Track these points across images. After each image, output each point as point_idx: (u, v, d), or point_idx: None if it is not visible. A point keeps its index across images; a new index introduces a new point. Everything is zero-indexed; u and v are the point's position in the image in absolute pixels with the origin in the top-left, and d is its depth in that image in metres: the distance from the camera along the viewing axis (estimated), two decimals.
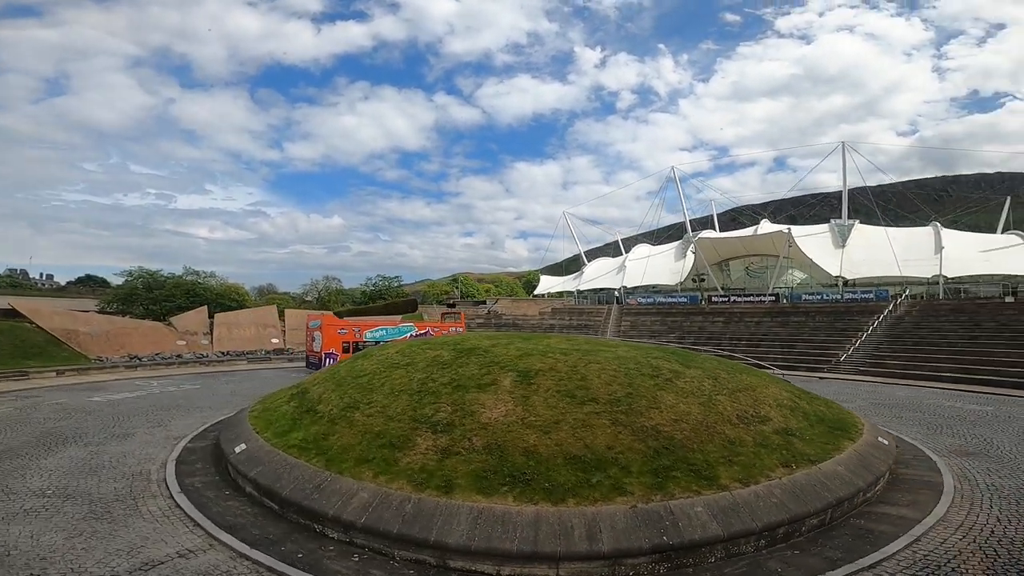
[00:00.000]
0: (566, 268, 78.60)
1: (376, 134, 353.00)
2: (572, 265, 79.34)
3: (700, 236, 50.29)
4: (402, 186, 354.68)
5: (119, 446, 12.19)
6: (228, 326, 33.90)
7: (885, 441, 11.24)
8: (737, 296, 43.81)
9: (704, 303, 44.12)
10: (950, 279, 36.10)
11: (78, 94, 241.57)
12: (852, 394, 20.20)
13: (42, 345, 26.34)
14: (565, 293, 65.75)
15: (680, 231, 65.30)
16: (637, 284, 53.60)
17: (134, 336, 29.53)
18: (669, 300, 47.50)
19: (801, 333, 34.08)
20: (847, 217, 47.24)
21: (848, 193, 49.89)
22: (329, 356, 24.78)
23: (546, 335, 16.40)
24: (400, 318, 40.64)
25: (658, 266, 54.45)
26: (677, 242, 58.75)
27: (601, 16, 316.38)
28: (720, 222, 65.68)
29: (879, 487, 9.32)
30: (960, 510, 8.51)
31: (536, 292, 70.22)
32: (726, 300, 43.27)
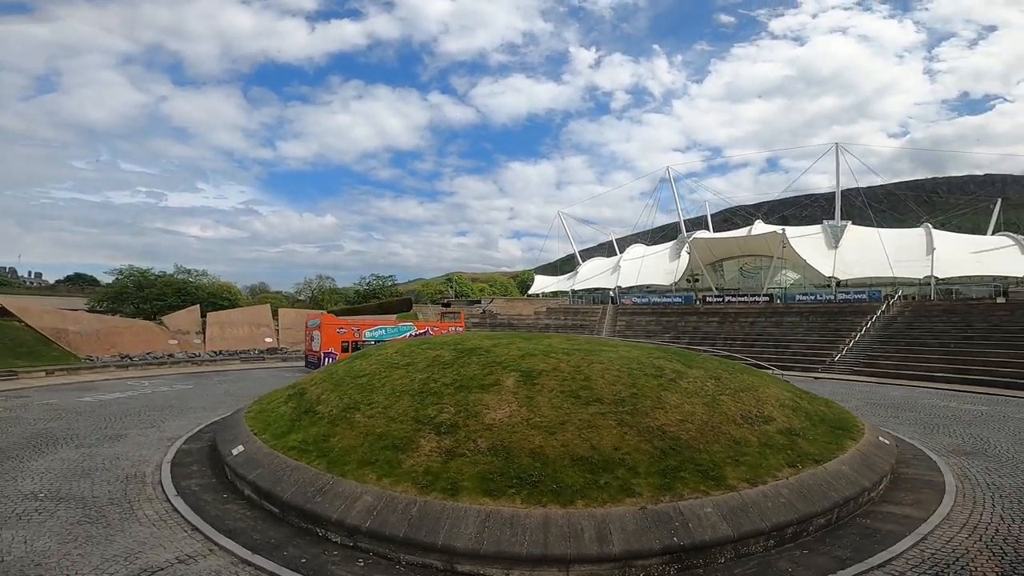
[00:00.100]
0: (560, 268, 78.53)
1: (370, 133, 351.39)
2: (566, 265, 79.33)
3: (695, 236, 50.45)
4: (395, 185, 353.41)
5: (112, 448, 11.95)
6: (221, 325, 33.48)
7: (886, 441, 11.28)
8: (731, 296, 43.99)
9: (699, 303, 44.27)
10: (941, 280, 36.48)
11: (69, 91, 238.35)
12: (848, 394, 20.33)
13: (31, 344, 25.84)
14: (560, 293, 65.75)
15: (673, 231, 65.54)
16: (632, 284, 53.66)
17: (125, 335, 29.06)
18: (664, 300, 47.62)
19: (795, 333, 34.29)
20: (840, 218, 47.59)
21: (840, 194, 50.28)
22: (328, 355, 24.76)
23: (547, 335, 16.32)
24: (395, 317, 40.42)
25: (652, 266, 54.55)
26: (671, 242, 58.91)
27: (596, 16, 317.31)
28: (713, 223, 65.96)
29: (882, 486, 9.34)
30: (963, 509, 8.55)
31: (531, 292, 70.13)
32: (720, 300, 43.43)
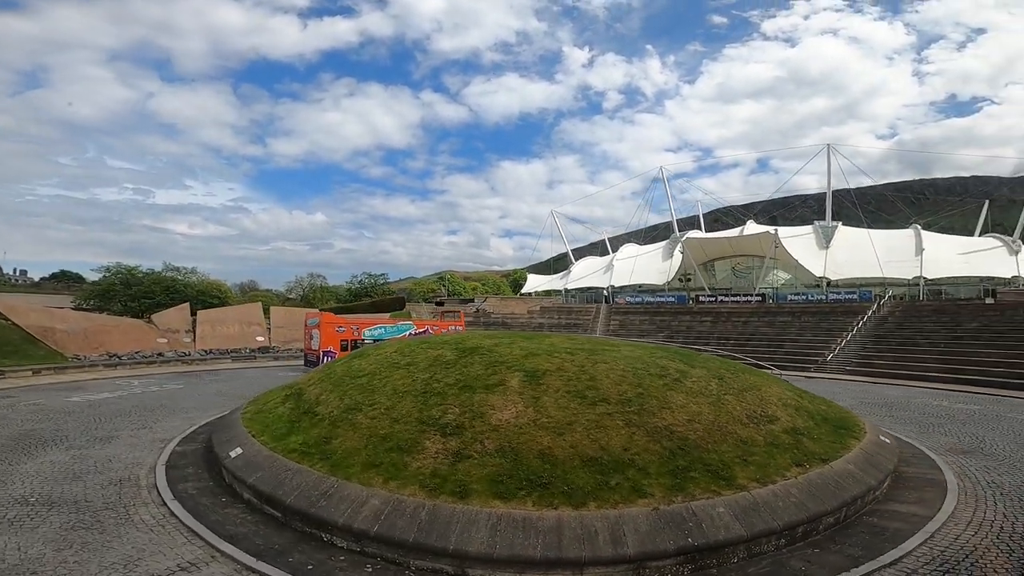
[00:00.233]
0: (552, 267, 78.62)
1: (361, 131, 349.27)
2: (558, 264, 79.40)
3: (688, 236, 50.72)
4: (386, 183, 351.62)
5: (103, 449, 11.63)
6: (211, 324, 32.95)
7: (887, 440, 11.34)
8: (724, 296, 44.30)
9: (692, 303, 44.51)
10: (930, 280, 37.03)
11: (55, 87, 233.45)
12: (843, 393, 20.46)
13: (17, 343, 25.18)
14: (552, 292, 65.77)
15: (665, 231, 65.90)
16: (625, 283, 53.85)
17: (113, 334, 28.45)
18: (657, 299, 47.81)
19: (788, 333, 34.57)
20: (830, 218, 48.11)
21: (831, 195, 50.81)
22: (327, 354, 24.67)
23: (548, 334, 16.20)
24: (389, 316, 40.09)
25: (645, 265, 54.77)
26: (664, 242, 59.20)
27: (590, 16, 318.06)
28: (704, 222, 66.44)
29: (886, 485, 9.38)
30: (967, 507, 8.60)
31: (523, 291, 70.10)
32: (713, 300, 43.70)
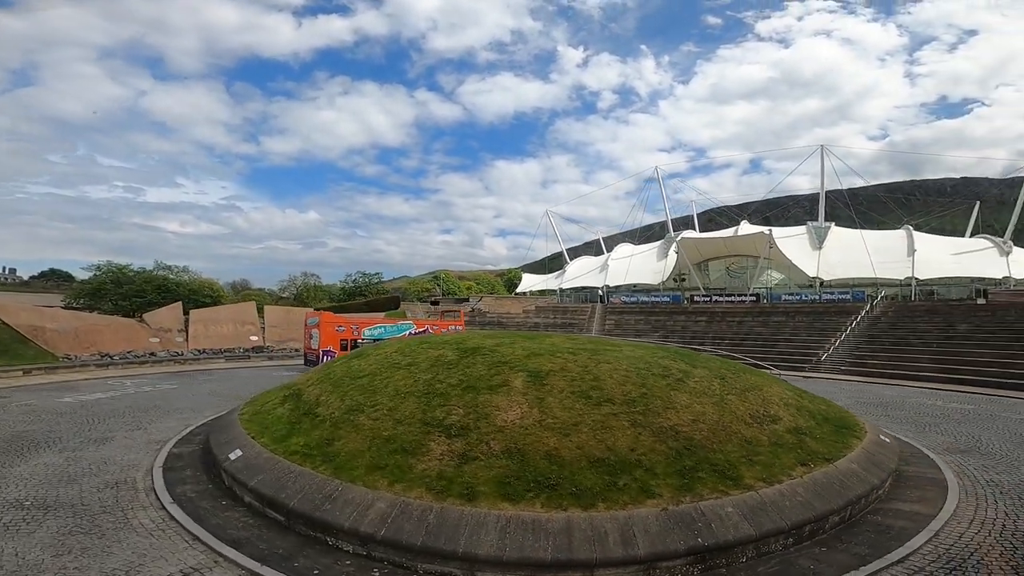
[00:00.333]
0: (547, 266, 78.67)
1: (355, 129, 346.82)
2: (553, 263, 79.48)
3: (683, 236, 50.94)
4: (380, 182, 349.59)
5: (97, 451, 11.42)
6: (204, 323, 32.57)
7: (887, 439, 11.41)
8: (718, 296, 44.51)
9: (687, 302, 44.69)
10: (922, 281, 37.43)
11: (46, 85, 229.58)
12: (838, 393, 20.57)
13: (7, 343, 24.69)
14: (547, 291, 65.78)
15: (660, 231, 66.17)
16: (620, 283, 53.97)
17: (105, 333, 28.02)
18: (652, 299, 47.95)
19: (782, 332, 34.81)
20: (823, 219, 48.50)
21: (818, 195, 51.22)
22: (327, 353, 24.67)
23: (548, 334, 16.17)
24: (384, 315, 39.89)
25: (640, 265, 54.94)
26: (659, 242, 59.41)
27: (585, 16, 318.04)
28: (697, 223, 66.76)
29: (887, 484, 9.43)
30: (968, 506, 8.66)
31: (518, 290, 70.03)
32: (708, 300, 43.91)
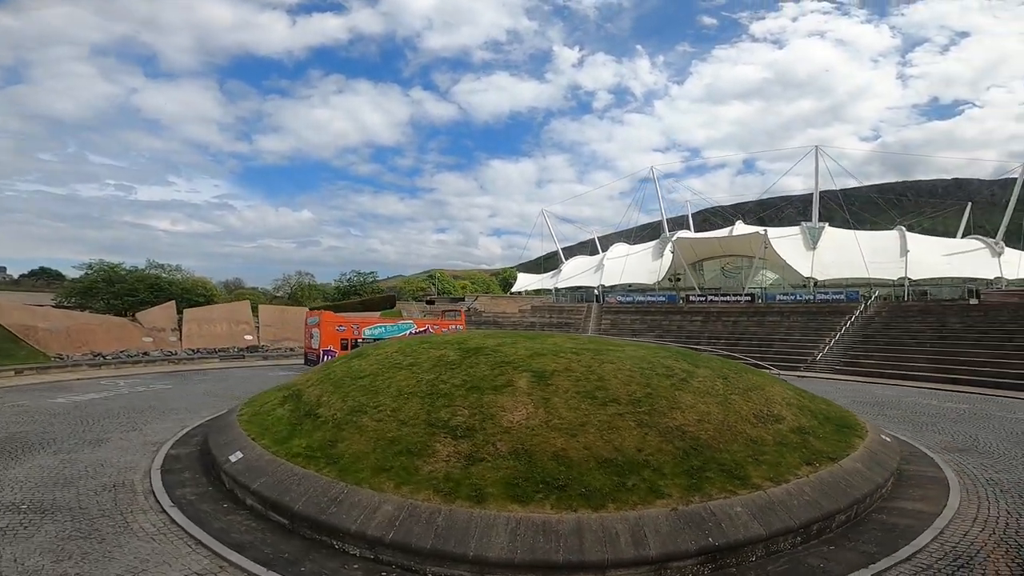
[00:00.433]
0: (542, 266, 78.67)
1: (349, 128, 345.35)
2: (548, 263, 79.48)
3: (679, 236, 51.07)
4: (375, 181, 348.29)
5: (93, 453, 11.23)
6: (198, 322, 32.22)
7: (887, 438, 11.48)
8: (714, 296, 44.70)
9: (682, 302, 44.82)
10: (914, 281, 37.79)
11: (37, 83, 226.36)
12: (834, 392, 20.63)
13: None
14: (543, 291, 65.77)
15: (654, 230, 66.35)
16: (615, 283, 54.05)
17: (97, 333, 27.63)
18: (648, 299, 48.07)
19: (777, 332, 34.98)
20: (817, 220, 48.85)
21: (811, 196, 51.61)
22: (327, 352, 24.64)
23: (549, 334, 16.13)
24: (379, 315, 39.68)
25: (636, 265, 55.06)
26: (654, 241, 59.56)
27: (581, 16, 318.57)
28: (692, 223, 67.03)
29: (890, 483, 9.48)
30: (970, 504, 8.73)
31: (514, 289, 70.02)
32: (703, 300, 44.06)
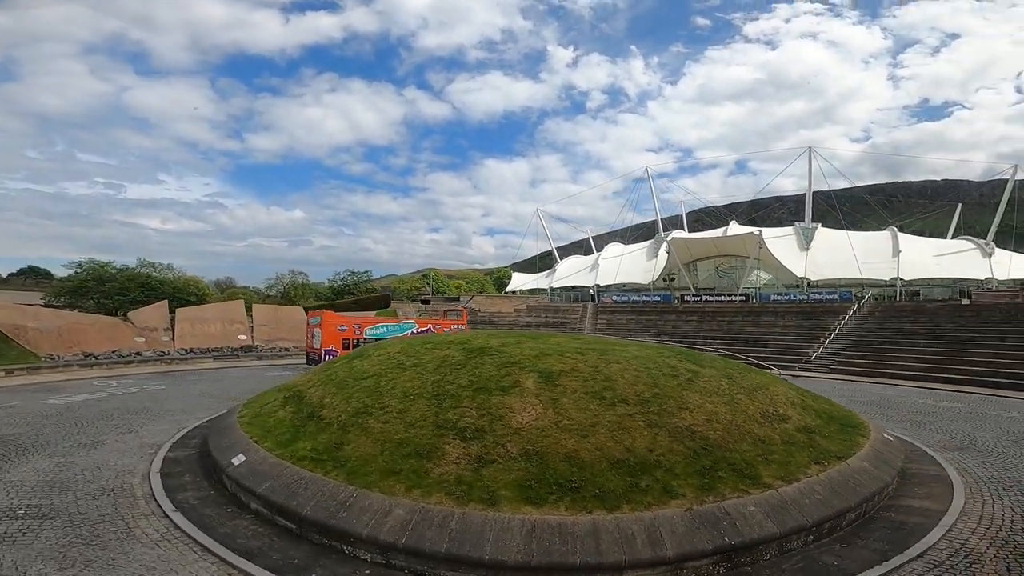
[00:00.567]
0: (536, 265, 78.71)
1: (342, 127, 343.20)
2: (542, 262, 79.58)
3: (674, 236, 51.33)
4: (368, 180, 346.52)
5: (89, 456, 11.01)
6: (191, 322, 31.80)
7: (889, 437, 11.55)
8: (708, 295, 44.94)
9: (677, 302, 45.00)
10: (906, 281, 38.23)
11: (25, 80, 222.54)
12: (831, 392, 20.63)
13: None
14: (537, 290, 65.76)
15: (648, 230, 66.58)
16: (610, 282, 54.19)
17: (89, 332, 27.15)
18: (643, 299, 48.20)
19: (772, 332, 35.22)
20: (810, 220, 49.26)
21: (803, 196, 52.06)
22: (329, 352, 24.56)
23: (552, 334, 16.10)
24: (375, 314, 39.46)
25: (631, 265, 55.23)
26: (649, 241, 59.80)
27: (575, 16, 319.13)
28: (686, 223, 67.37)
29: (895, 481, 9.53)
30: (975, 502, 8.80)
31: (508, 289, 69.90)
32: (698, 299, 44.27)
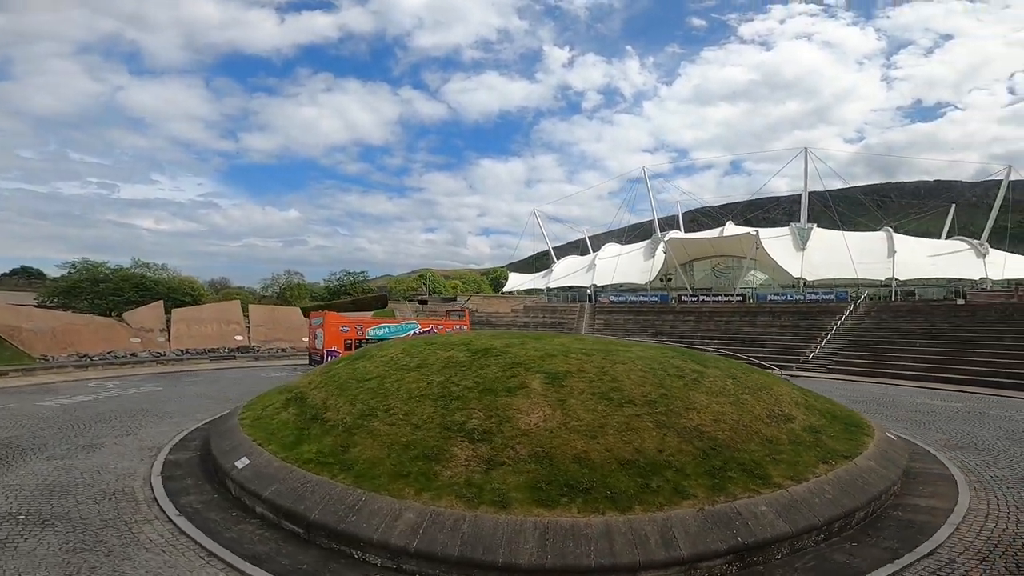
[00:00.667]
0: (533, 265, 78.67)
1: (338, 126, 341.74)
2: (538, 262, 79.54)
3: (671, 236, 51.44)
4: (363, 180, 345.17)
5: (88, 459, 10.85)
6: (187, 322, 31.52)
7: (893, 436, 11.60)
8: (705, 296, 45.08)
9: (674, 302, 45.11)
10: (902, 281, 38.51)
11: (19, 79, 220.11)
12: (830, 391, 20.68)
13: None
14: (534, 291, 65.76)
15: (645, 231, 66.76)
16: (607, 282, 54.26)
17: (83, 333, 26.84)
18: (640, 299, 48.27)
19: (769, 332, 35.36)
20: (806, 220, 49.54)
21: (797, 197, 52.42)
22: (331, 353, 24.56)
23: (554, 335, 16.05)
24: (372, 314, 39.27)
25: (628, 265, 55.33)
26: (646, 241, 59.93)
27: (571, 16, 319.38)
28: (682, 223, 67.59)
29: (901, 480, 9.57)
30: (980, 500, 8.85)
31: (505, 289, 69.88)
32: (695, 300, 44.39)
